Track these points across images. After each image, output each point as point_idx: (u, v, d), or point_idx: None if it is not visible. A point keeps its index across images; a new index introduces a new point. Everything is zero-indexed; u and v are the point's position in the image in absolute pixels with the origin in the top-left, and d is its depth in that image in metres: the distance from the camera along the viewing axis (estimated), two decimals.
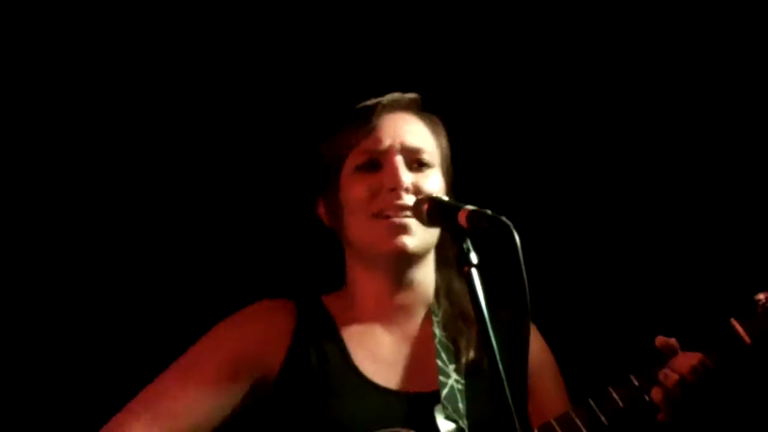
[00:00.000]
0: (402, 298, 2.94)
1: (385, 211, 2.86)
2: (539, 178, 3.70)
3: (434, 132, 2.96)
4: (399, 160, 2.88)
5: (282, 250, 3.59)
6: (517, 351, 2.59)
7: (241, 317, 2.94)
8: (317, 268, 3.18)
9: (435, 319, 2.94)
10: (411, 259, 2.89)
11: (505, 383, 2.47)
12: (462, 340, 2.92)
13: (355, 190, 2.89)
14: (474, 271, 2.50)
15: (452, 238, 2.58)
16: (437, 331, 2.92)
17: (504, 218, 2.50)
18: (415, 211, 2.76)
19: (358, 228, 2.90)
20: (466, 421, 2.81)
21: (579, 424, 2.76)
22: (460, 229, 2.55)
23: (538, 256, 2.64)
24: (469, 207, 2.58)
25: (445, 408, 2.80)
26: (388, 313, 2.93)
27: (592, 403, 2.77)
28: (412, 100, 2.96)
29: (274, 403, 2.87)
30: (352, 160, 2.91)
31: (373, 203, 2.86)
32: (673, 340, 2.77)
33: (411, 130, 2.92)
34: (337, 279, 3.01)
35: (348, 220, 2.91)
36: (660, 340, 2.77)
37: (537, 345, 2.97)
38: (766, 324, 2.77)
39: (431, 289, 2.96)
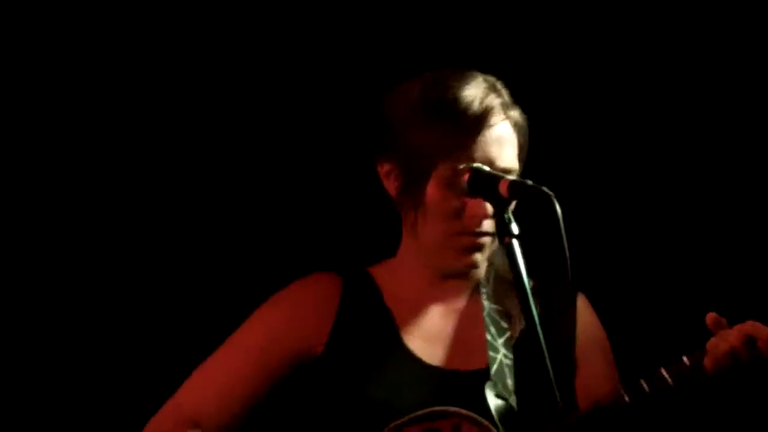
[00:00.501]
0: (454, 284, 2.89)
1: (464, 233, 2.77)
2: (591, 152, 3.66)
3: (521, 135, 2.82)
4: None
5: (325, 218, 3.57)
6: (564, 326, 2.58)
7: (283, 297, 2.90)
8: (365, 236, 3.16)
9: (483, 290, 2.88)
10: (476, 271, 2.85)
11: (547, 357, 2.45)
12: (510, 313, 2.86)
13: (443, 202, 2.76)
14: (515, 242, 2.49)
15: (493, 208, 2.56)
16: (486, 303, 2.87)
17: (545, 188, 2.48)
18: (456, 180, 2.71)
19: (433, 234, 2.80)
20: (514, 398, 2.76)
21: (628, 403, 2.63)
22: (501, 199, 2.53)
23: (580, 229, 2.62)
24: (510, 177, 2.57)
25: (495, 385, 2.75)
26: (438, 290, 2.88)
27: (644, 384, 2.61)
28: (517, 116, 2.82)
29: (318, 380, 2.83)
30: (446, 171, 2.74)
31: (455, 222, 2.76)
32: (723, 319, 2.61)
33: (507, 152, 2.77)
34: (386, 247, 2.94)
35: (424, 219, 2.80)
36: (711, 316, 2.61)
37: (587, 320, 2.87)
38: None
39: (483, 266, 2.89)
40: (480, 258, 2.81)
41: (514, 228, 2.50)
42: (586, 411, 2.59)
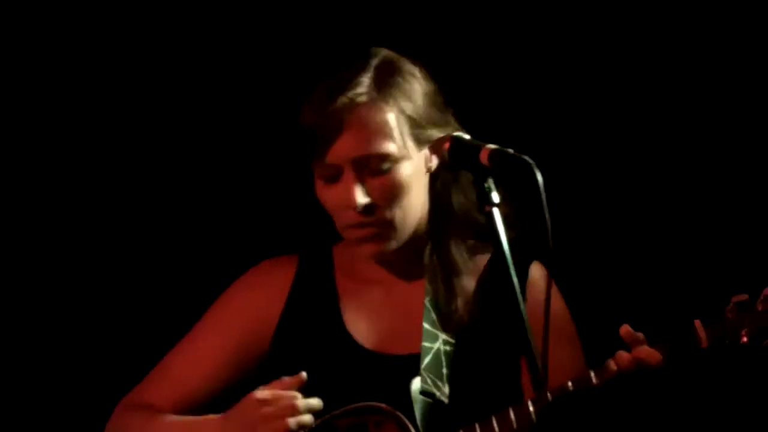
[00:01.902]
0: (399, 257, 2.85)
1: (349, 227, 2.77)
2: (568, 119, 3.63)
3: (394, 105, 2.76)
4: (350, 177, 2.73)
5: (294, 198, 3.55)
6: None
7: (238, 285, 2.92)
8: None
9: (428, 275, 2.85)
10: (389, 254, 2.82)
11: (527, 324, 2.42)
12: (455, 298, 2.82)
13: (323, 200, 2.79)
14: (495, 211, 2.46)
15: (473, 177, 2.52)
16: (430, 288, 2.84)
17: (526, 157, 2.45)
18: (437, 150, 2.69)
19: (338, 228, 2.82)
20: (447, 389, 2.74)
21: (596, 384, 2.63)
22: (482, 168, 2.50)
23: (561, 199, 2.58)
24: (491, 146, 2.53)
25: (423, 380, 2.73)
26: (382, 272, 2.87)
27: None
28: (363, 92, 2.76)
29: (268, 363, 2.85)
30: (317, 168, 2.77)
31: (339, 217, 2.77)
32: (639, 335, 2.64)
33: (365, 138, 2.73)
34: None
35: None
36: (624, 329, 2.64)
37: (539, 292, 2.79)
38: None
39: (427, 246, 2.86)
40: (381, 245, 2.77)
41: (495, 197, 2.47)
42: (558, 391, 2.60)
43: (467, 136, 2.65)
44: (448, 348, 2.79)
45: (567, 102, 3.60)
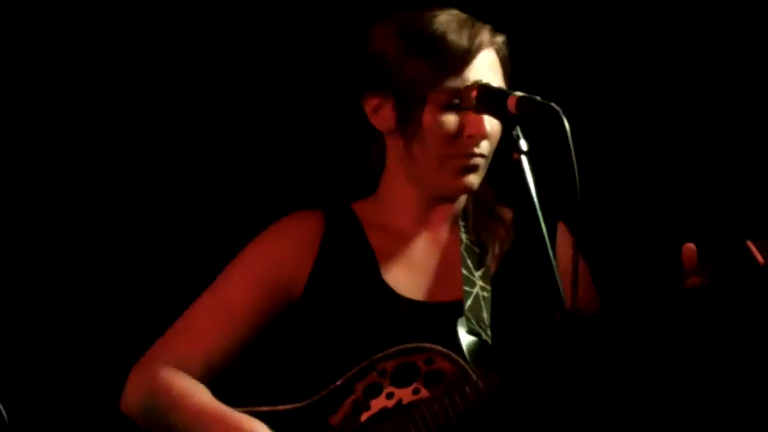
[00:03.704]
0: (440, 211, 2.89)
1: (461, 154, 2.78)
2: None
3: (505, 61, 2.84)
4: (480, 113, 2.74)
5: (306, 157, 3.56)
6: (541, 254, 2.48)
7: (266, 237, 2.90)
8: (345, 174, 3.15)
9: (462, 224, 2.90)
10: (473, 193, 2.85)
11: (555, 267, 2.44)
12: (489, 245, 2.87)
13: (439, 127, 2.77)
14: (524, 158, 2.46)
15: (502, 124, 2.52)
16: (464, 236, 2.88)
17: (554, 104, 2.45)
18: (464, 97, 2.70)
19: (429, 159, 2.80)
20: (489, 332, 2.78)
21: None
22: (509, 116, 2.51)
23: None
24: (518, 93, 2.53)
25: (468, 320, 2.77)
26: (418, 222, 2.89)
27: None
28: (501, 42, 2.83)
29: (299, 320, 2.85)
30: (440, 95, 2.76)
31: (452, 145, 2.76)
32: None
33: (493, 78, 2.77)
34: (366, 185, 2.96)
35: (419, 146, 2.81)
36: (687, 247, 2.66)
37: (566, 249, 2.86)
38: None
39: (464, 197, 2.91)
40: (475, 180, 2.81)
41: (523, 144, 2.48)
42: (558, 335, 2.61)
43: (495, 84, 2.66)
44: (485, 294, 2.82)
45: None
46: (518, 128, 2.49)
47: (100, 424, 3.31)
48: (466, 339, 2.75)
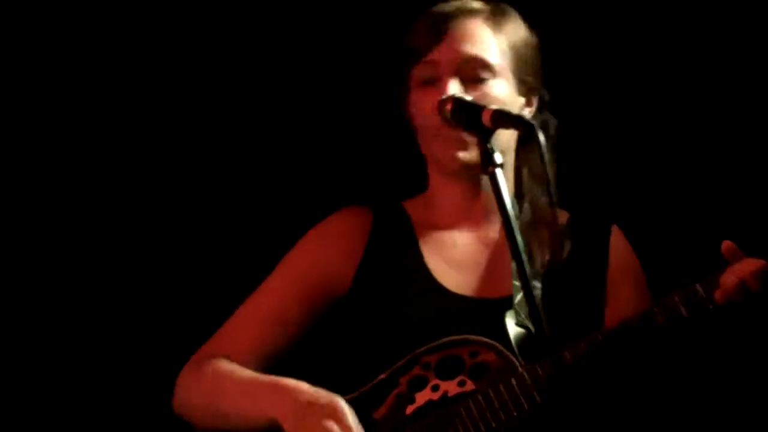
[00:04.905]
0: (478, 203, 2.93)
1: (439, 132, 2.83)
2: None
3: (503, 33, 2.88)
4: (451, 78, 2.81)
5: (364, 156, 3.59)
6: (595, 258, 2.60)
7: (312, 235, 2.97)
8: (401, 173, 3.15)
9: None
10: (473, 169, 2.84)
11: (529, 279, 2.47)
12: (536, 245, 2.89)
13: (418, 104, 2.87)
14: (498, 171, 2.50)
15: (477, 138, 2.56)
16: None
17: (527, 118, 2.51)
18: (440, 111, 2.72)
19: (422, 140, 2.91)
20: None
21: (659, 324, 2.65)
22: (484, 129, 2.54)
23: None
24: (493, 107, 2.57)
25: (516, 314, 2.80)
26: (464, 218, 2.94)
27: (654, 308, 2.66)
28: (480, 8, 2.89)
29: (347, 313, 2.90)
30: (418, 72, 2.87)
31: (434, 119, 2.80)
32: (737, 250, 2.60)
33: (471, 41, 2.84)
34: (421, 183, 3.01)
35: (417, 131, 2.92)
36: (726, 244, 2.61)
37: (620, 252, 2.91)
38: None
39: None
40: (462, 155, 2.83)
41: (498, 158, 2.51)
42: (613, 329, 2.66)
43: (469, 98, 2.70)
44: (535, 291, 2.78)
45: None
46: (494, 141, 2.53)
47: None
48: (514, 330, 2.77)
